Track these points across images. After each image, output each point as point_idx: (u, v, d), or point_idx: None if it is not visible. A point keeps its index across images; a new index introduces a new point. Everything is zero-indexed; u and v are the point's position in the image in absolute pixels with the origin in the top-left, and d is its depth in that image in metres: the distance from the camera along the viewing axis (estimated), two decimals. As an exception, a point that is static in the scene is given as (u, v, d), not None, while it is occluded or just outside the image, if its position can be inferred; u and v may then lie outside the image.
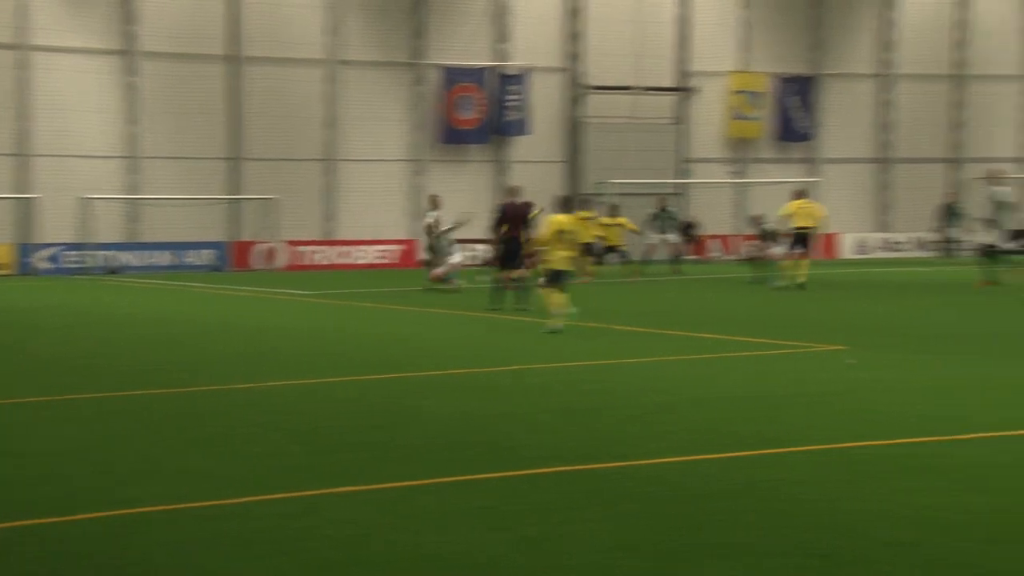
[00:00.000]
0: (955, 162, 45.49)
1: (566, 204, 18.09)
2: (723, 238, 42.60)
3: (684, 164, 42.31)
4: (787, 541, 6.26)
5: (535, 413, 10.22)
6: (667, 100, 42.40)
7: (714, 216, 42.03)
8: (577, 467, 8.07)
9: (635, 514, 6.84)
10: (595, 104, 41.33)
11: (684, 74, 42.14)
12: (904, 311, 20.19)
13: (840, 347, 14.53)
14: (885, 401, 10.57)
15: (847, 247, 42.64)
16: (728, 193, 43.06)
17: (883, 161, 44.91)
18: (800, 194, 27.29)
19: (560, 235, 17.07)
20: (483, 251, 33.01)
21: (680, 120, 42.29)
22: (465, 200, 40.46)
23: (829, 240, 39.39)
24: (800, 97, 43.50)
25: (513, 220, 21.18)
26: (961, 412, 9.95)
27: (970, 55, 45.16)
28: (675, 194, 40.27)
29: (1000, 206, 26.01)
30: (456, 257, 25.95)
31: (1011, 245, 27.24)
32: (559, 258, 17.05)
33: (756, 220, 29.64)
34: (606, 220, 30.58)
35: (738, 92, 42.62)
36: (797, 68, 43.51)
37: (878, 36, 44.49)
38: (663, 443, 8.86)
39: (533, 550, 6.20)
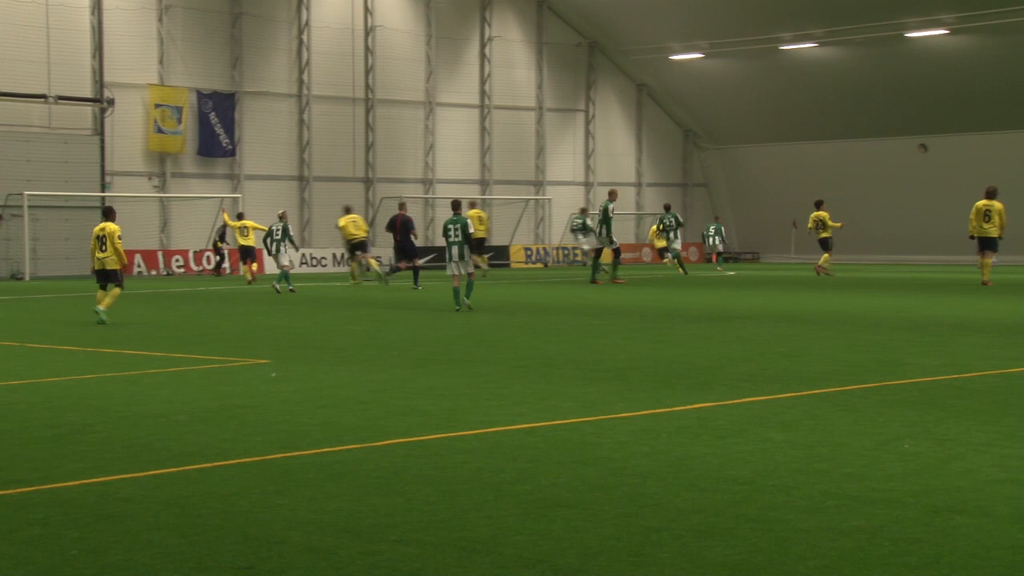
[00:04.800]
0: (367, 181, 47.61)
1: (108, 213, 21.11)
2: (147, 253, 41.89)
3: (106, 177, 41.17)
4: (213, 556, 6.30)
5: (-60, 441, 9.56)
6: (86, 111, 41.02)
7: (138, 230, 41.22)
8: (-13, 495, 7.66)
9: (42, 540, 6.59)
10: (5, 112, 39.14)
11: (102, 85, 40.97)
12: (323, 324, 20.86)
13: (263, 361, 14.79)
14: (310, 412, 10.91)
15: (270, 262, 43.32)
16: (151, 207, 42.44)
17: (301, 179, 46.10)
18: (348, 209, 34.78)
19: (103, 241, 20.25)
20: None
21: (100, 132, 41.07)
22: None
23: (259, 255, 39.77)
24: (221, 113, 43.68)
25: (399, 228, 31.84)
26: (375, 420, 10.48)
27: (377, 81, 47.48)
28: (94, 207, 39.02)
29: (605, 220, 32.84)
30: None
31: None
32: (102, 259, 20.24)
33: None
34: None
35: (158, 106, 42.07)
36: (217, 84, 43.67)
37: (293, 58, 45.66)
38: (80, 464, 8.61)
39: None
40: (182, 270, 42.81)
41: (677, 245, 40.25)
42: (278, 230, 32.39)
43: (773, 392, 11.95)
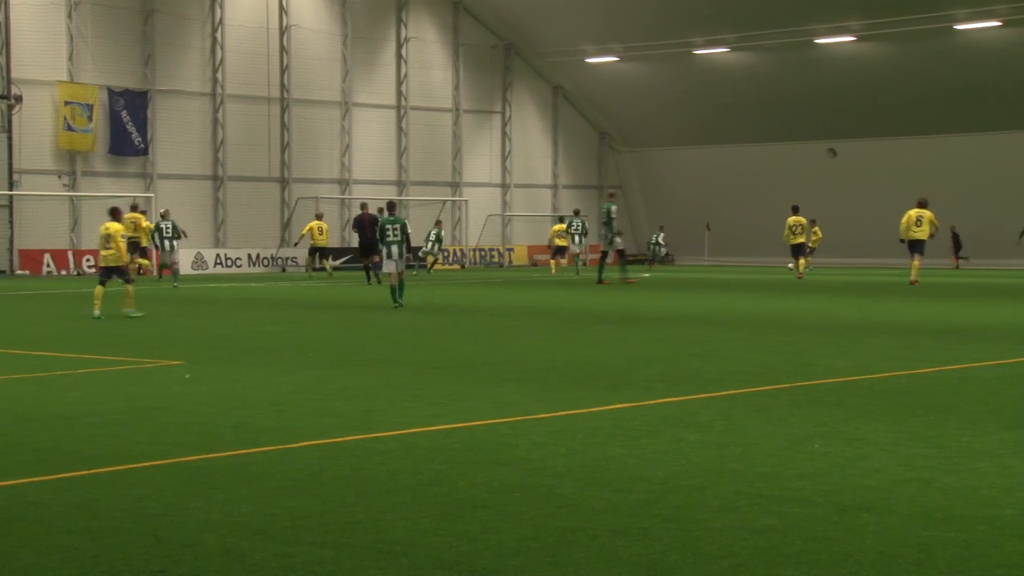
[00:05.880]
0: (283, 181, 47.27)
1: (114, 213, 22.15)
2: (57, 252, 41.23)
3: (14, 175, 40.48)
4: (125, 559, 6.23)
5: None
6: (-8, 107, 40.28)
7: (47, 229, 40.59)
8: None
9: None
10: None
11: (9, 81, 40.25)
12: (238, 325, 20.68)
13: (177, 362, 14.64)
14: (221, 413, 10.82)
15: (185, 263, 42.83)
16: (61, 206, 41.78)
17: (216, 178, 45.65)
18: (134, 207, 34.89)
19: (108, 239, 21.42)
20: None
21: (7, 129, 40.35)
22: None
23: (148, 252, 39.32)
24: (132, 111, 43.12)
25: (368, 226, 34.28)
26: (290, 421, 10.42)
27: (292, 80, 47.19)
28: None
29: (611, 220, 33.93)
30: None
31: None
32: (107, 257, 21.46)
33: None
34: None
35: (68, 103, 41.41)
36: (128, 82, 43.11)
37: (207, 56, 45.20)
38: (-11, 468, 8.47)
39: None
40: (93, 270, 42.15)
41: (576, 249, 41.98)
42: (167, 227, 32.80)
43: (686, 393, 12.08)
